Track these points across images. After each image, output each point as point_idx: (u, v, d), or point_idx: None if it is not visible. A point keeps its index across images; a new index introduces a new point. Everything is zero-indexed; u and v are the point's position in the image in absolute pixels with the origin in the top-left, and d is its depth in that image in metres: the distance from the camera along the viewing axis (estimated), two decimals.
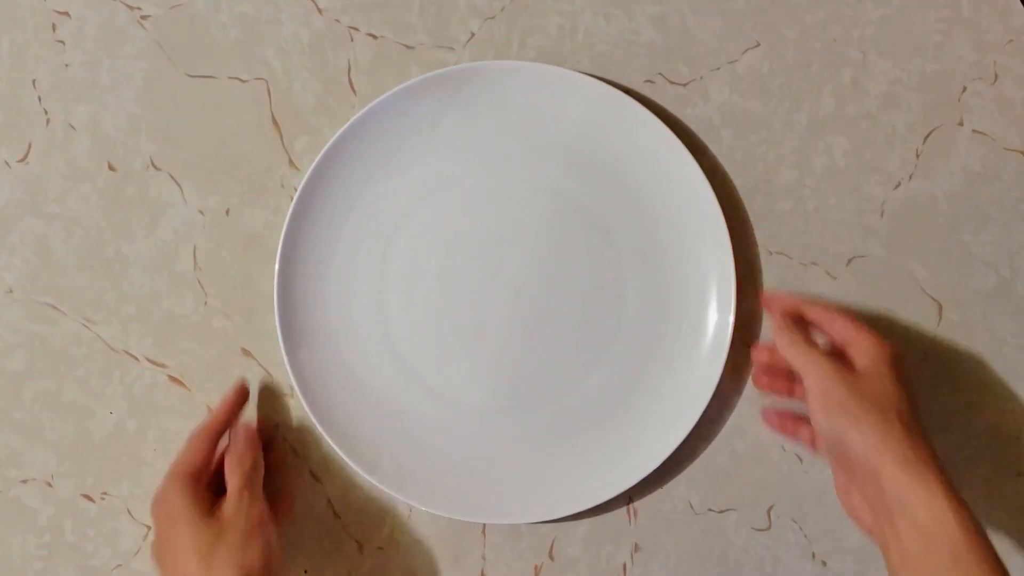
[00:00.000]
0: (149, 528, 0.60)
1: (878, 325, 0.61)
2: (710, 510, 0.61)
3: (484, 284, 0.59)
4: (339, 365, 0.59)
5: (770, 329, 0.55)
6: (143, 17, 0.60)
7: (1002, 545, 0.60)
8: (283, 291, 0.58)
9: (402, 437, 0.59)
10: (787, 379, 0.59)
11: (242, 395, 0.58)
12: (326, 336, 0.59)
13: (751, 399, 0.61)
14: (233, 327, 0.60)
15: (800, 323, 0.56)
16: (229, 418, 0.57)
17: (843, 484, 0.54)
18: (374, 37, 0.61)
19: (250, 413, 0.60)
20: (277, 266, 0.58)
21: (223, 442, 0.56)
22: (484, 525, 0.60)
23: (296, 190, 0.58)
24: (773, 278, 0.61)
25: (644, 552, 0.60)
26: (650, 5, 0.61)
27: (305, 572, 0.60)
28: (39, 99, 0.60)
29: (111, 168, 0.60)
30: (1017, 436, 0.62)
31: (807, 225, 0.61)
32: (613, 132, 0.59)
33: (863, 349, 0.53)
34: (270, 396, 0.60)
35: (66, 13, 0.60)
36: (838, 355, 0.54)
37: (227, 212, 0.60)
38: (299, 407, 0.58)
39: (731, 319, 0.58)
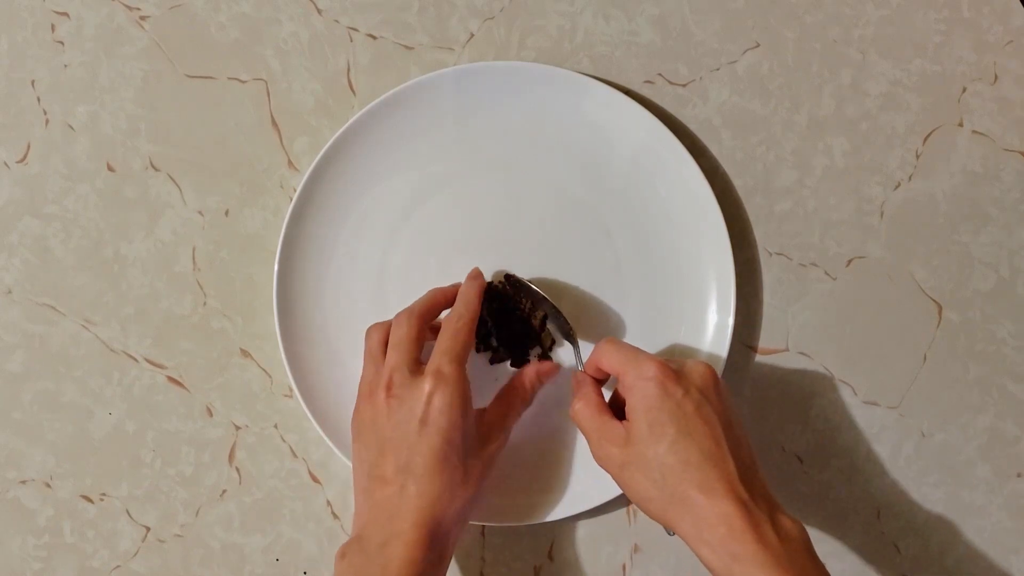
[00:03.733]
0: (148, 529, 0.60)
1: (876, 326, 0.61)
2: None
3: None
4: (338, 366, 0.59)
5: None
6: (142, 18, 0.60)
7: (1002, 545, 0.61)
8: (282, 292, 0.58)
9: None
10: None
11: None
12: (325, 337, 0.59)
13: (751, 400, 0.61)
14: (232, 328, 0.60)
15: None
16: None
17: None
18: (373, 37, 0.61)
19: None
20: (276, 266, 0.58)
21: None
22: (484, 526, 0.60)
23: (295, 191, 0.58)
24: (773, 278, 0.61)
25: (644, 553, 0.60)
26: (650, 5, 0.61)
27: (304, 573, 0.60)
28: (38, 99, 0.60)
29: (110, 169, 0.60)
30: (1017, 436, 0.62)
31: (807, 226, 0.61)
32: (613, 132, 0.59)
33: (628, 401, 0.49)
34: (268, 397, 0.60)
35: (65, 13, 0.60)
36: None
37: (226, 213, 0.60)
38: (299, 407, 0.58)
39: (731, 320, 0.58)
